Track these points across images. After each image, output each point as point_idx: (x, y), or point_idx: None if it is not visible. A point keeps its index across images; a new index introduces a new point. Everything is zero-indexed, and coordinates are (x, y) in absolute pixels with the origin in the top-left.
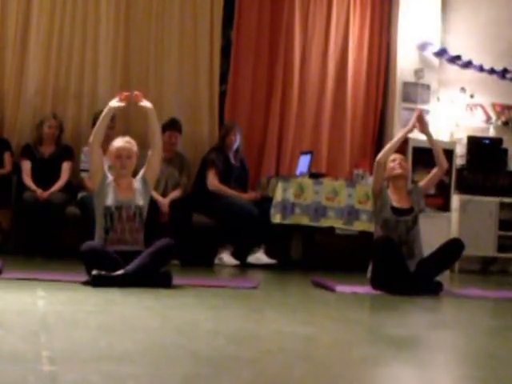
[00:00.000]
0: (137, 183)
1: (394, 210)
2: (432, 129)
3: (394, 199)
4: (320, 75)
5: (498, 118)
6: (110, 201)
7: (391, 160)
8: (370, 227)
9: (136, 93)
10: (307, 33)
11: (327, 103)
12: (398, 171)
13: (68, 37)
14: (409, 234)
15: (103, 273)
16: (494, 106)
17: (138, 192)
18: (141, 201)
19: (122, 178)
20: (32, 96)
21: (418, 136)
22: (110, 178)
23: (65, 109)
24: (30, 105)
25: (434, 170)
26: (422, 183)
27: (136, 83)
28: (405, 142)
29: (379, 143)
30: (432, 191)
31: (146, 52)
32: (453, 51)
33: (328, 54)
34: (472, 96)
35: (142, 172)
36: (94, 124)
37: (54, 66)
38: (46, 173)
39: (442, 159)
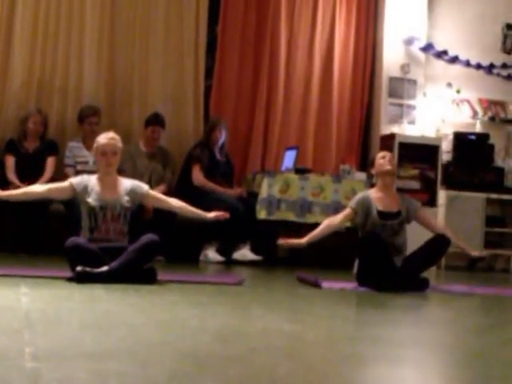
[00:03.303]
0: (126, 187)
1: (380, 214)
2: (418, 124)
3: (381, 199)
4: (306, 70)
5: (485, 113)
6: (94, 201)
7: (380, 157)
8: None
9: None
10: (293, 28)
11: (313, 98)
12: (388, 167)
13: (53, 31)
14: (395, 236)
15: (88, 269)
16: (480, 101)
17: (124, 193)
18: (126, 203)
19: (107, 175)
20: (16, 90)
21: (404, 131)
22: (88, 179)
23: (50, 103)
24: (15, 99)
25: (436, 228)
26: (422, 214)
27: (121, 77)
28: (392, 137)
29: (365, 138)
30: (418, 187)
31: (131, 46)
32: (439, 46)
33: (314, 48)
34: (458, 91)
35: (144, 191)
36: (79, 119)
37: (39, 60)
38: (30, 168)
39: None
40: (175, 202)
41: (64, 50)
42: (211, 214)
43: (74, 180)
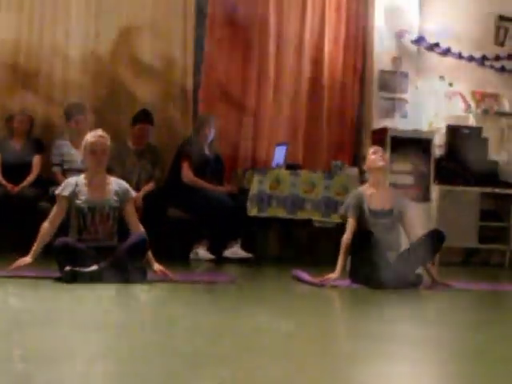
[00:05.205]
0: (115, 187)
1: (372, 212)
2: (410, 118)
3: (373, 196)
4: (296, 64)
5: (478, 106)
6: (82, 202)
7: (372, 152)
8: None
9: None
10: (282, 23)
11: (303, 93)
12: (380, 163)
13: (38, 29)
14: (388, 233)
15: (76, 269)
16: (473, 94)
17: (113, 193)
18: (115, 203)
19: (96, 174)
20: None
21: (396, 125)
22: (74, 181)
23: (36, 101)
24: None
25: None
26: (406, 220)
27: (108, 74)
28: (383, 131)
29: (357, 133)
30: (411, 181)
31: (118, 42)
32: (431, 39)
33: (304, 42)
34: (451, 84)
35: (130, 198)
36: (65, 117)
37: (23, 56)
38: (16, 167)
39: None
40: (140, 232)
41: (48, 45)
42: (157, 267)
43: (61, 191)
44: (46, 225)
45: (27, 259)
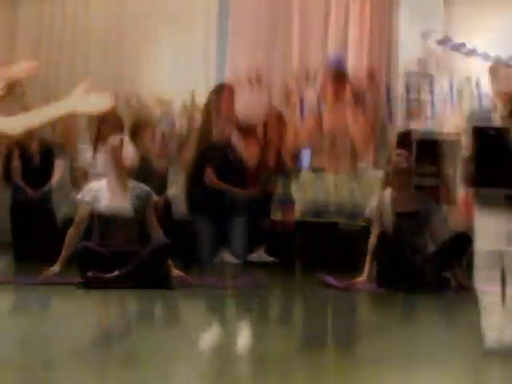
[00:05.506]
0: (137, 191)
1: (397, 214)
2: (436, 120)
3: (397, 198)
4: (320, 66)
5: (505, 107)
6: (104, 207)
7: (396, 155)
8: None
9: None
10: (306, 25)
11: (327, 95)
12: (405, 165)
13: (58, 31)
14: (414, 236)
15: (98, 275)
16: (500, 95)
17: (135, 198)
18: (137, 206)
19: (118, 178)
20: None
21: (421, 127)
22: (96, 186)
23: None
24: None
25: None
26: (432, 223)
27: (127, 80)
28: (409, 133)
29: (381, 135)
30: (436, 184)
31: (138, 48)
32: (457, 39)
33: (328, 43)
34: (477, 85)
35: (150, 201)
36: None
37: (44, 56)
38: (37, 172)
39: None
40: (161, 237)
41: (69, 46)
42: (175, 271)
43: (83, 196)
44: (71, 231)
45: (56, 269)
